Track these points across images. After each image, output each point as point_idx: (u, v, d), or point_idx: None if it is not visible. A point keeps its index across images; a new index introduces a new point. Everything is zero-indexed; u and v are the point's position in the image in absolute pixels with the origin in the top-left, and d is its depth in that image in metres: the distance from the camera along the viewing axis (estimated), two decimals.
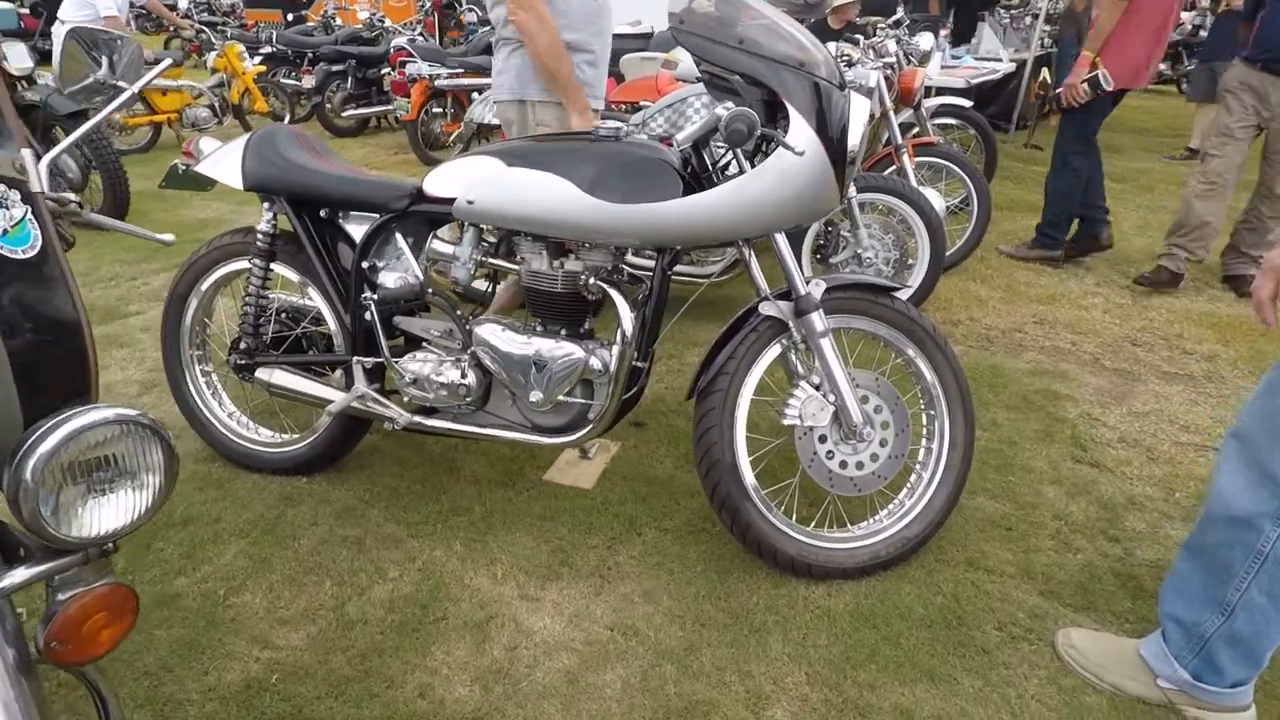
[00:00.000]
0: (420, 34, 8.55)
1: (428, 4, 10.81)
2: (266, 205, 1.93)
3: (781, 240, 1.68)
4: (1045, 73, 7.30)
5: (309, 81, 7.41)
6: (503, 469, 2.21)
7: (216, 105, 6.97)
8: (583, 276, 1.74)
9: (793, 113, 1.49)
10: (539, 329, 1.83)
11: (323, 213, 1.92)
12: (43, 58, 4.48)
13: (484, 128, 3.35)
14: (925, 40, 4.36)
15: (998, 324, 3.34)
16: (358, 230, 1.93)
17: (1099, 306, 3.55)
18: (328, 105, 7.41)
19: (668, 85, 4.05)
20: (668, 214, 1.57)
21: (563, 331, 1.81)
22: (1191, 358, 3.05)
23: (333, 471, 2.19)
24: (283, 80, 7.82)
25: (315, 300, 2.03)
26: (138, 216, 4.60)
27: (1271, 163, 3.49)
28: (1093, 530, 2.01)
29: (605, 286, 1.73)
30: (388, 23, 8.56)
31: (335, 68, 7.34)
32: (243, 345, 2.03)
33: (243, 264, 2.04)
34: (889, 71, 3.78)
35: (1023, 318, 3.42)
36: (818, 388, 1.73)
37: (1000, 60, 6.77)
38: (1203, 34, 5.59)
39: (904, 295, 3.10)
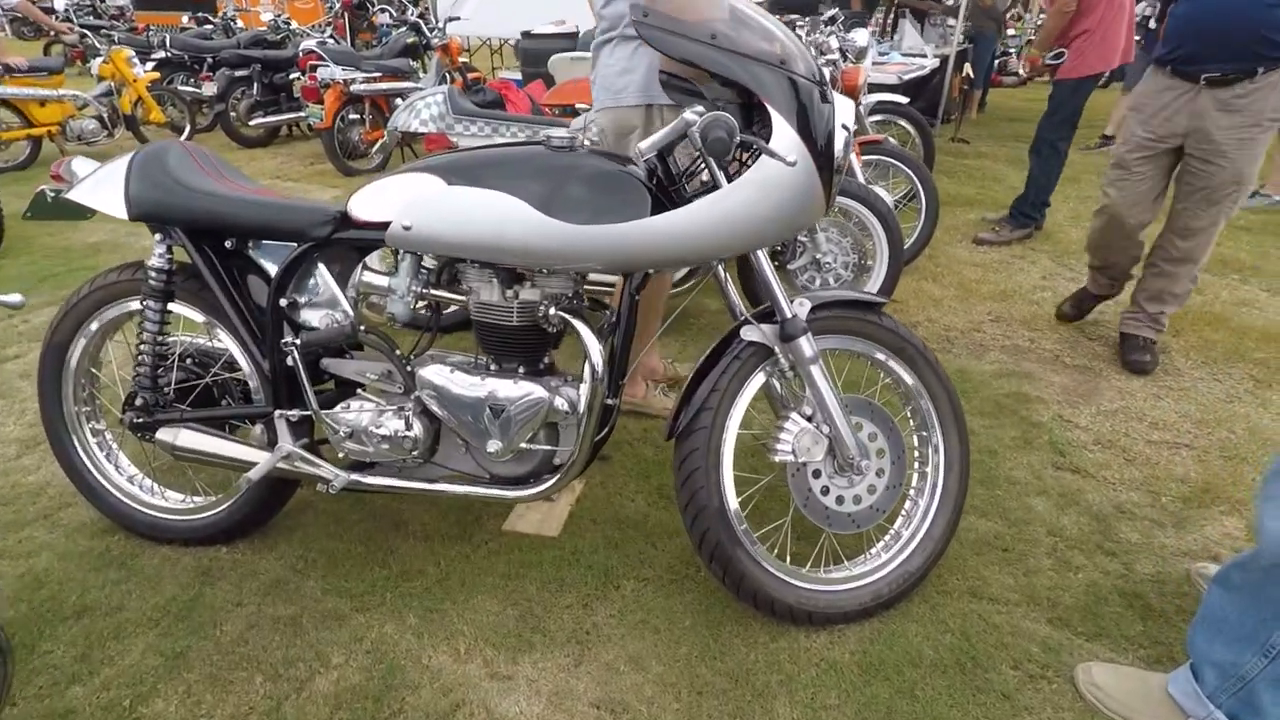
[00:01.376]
0: (330, 36, 8.07)
1: (337, 5, 10.28)
2: (158, 237, 1.64)
3: (763, 258, 1.51)
4: (968, 67, 7.46)
5: (210, 88, 6.87)
6: (456, 521, 1.97)
7: (105, 116, 6.39)
8: (541, 306, 1.52)
9: (775, 117, 1.32)
10: (493, 367, 1.61)
11: (228, 243, 1.64)
12: None
13: (409, 136, 3.07)
14: (861, 36, 4.29)
15: (956, 324, 3.29)
16: (271, 262, 1.66)
17: (1049, 302, 3.54)
18: (232, 114, 6.90)
19: None
20: (637, 235, 1.37)
21: (520, 369, 1.60)
22: None
23: (258, 537, 1.91)
24: (181, 87, 7.24)
25: (226, 342, 1.74)
26: (16, 243, 4.10)
27: (1184, 193, 2.64)
28: (1088, 545, 1.92)
29: (567, 316, 1.52)
30: (294, 25, 8.06)
31: (239, 73, 6.83)
32: (139, 401, 1.72)
33: (134, 304, 1.74)
34: (831, 69, 3.69)
35: (979, 316, 3.38)
36: (809, 419, 1.57)
37: (925, 56, 6.86)
38: (1152, 24, 5.74)
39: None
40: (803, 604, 1.59)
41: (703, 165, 1.52)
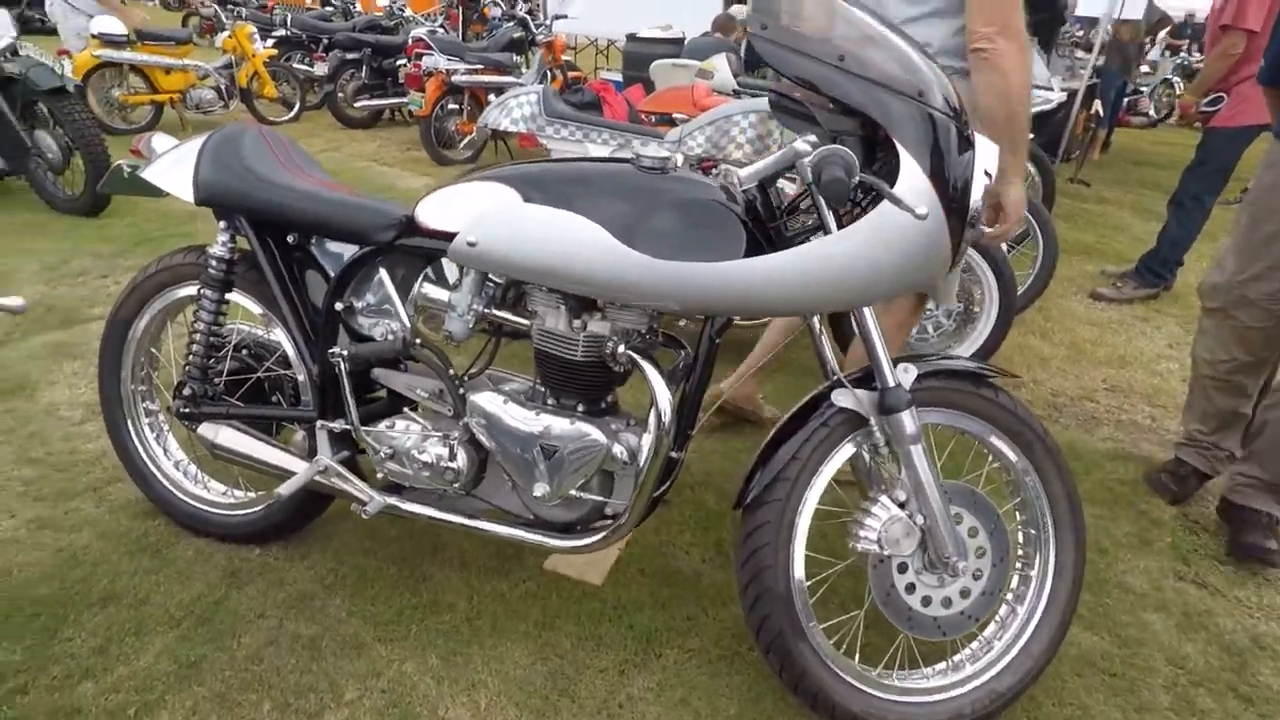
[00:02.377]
0: (442, 26, 8.21)
1: None
2: (222, 224, 1.56)
3: (869, 316, 1.31)
4: (1097, 104, 6.93)
5: (321, 68, 7.09)
6: (495, 553, 1.84)
7: (223, 87, 6.66)
8: (609, 343, 1.37)
9: (905, 157, 1.12)
10: (550, 401, 1.46)
11: (290, 238, 1.55)
12: (26, 27, 4.14)
13: (501, 133, 2.99)
14: None
15: (1065, 388, 2.96)
16: (333, 261, 1.57)
17: (1176, 375, 3.16)
18: (340, 95, 7.08)
19: (704, 97, 3.69)
20: (728, 277, 1.19)
21: (579, 407, 1.44)
22: None
23: (292, 541, 1.83)
24: (295, 66, 7.48)
25: (280, 339, 1.66)
26: (122, 204, 4.25)
27: None
28: (1217, 684, 1.62)
29: (636, 358, 1.35)
30: (408, 12, 8.26)
31: (350, 56, 7.02)
32: (187, 390, 1.66)
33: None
34: None
35: (1092, 382, 3.04)
36: (902, 505, 1.36)
37: (1050, 89, 6.39)
38: None
39: (967, 351, 2.82)
40: (869, 713, 1.38)
41: (808, 200, 1.33)
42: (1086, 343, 3.39)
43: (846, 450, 1.40)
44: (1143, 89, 10.86)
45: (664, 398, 1.33)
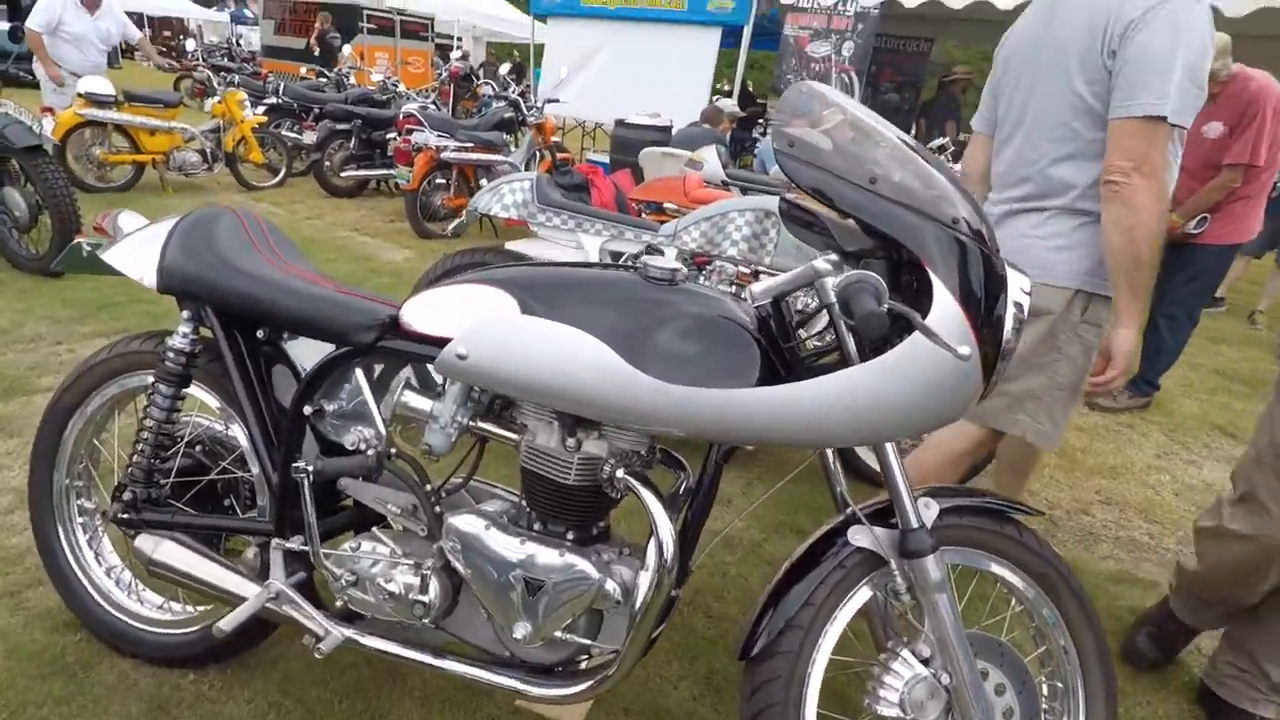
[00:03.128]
0: (433, 102, 8.35)
1: (444, 73, 10.74)
2: (186, 314, 1.43)
3: (892, 453, 1.20)
4: None
5: (311, 137, 7.10)
6: (464, 685, 1.64)
7: (208, 151, 6.60)
8: (606, 466, 1.24)
9: (939, 289, 1.04)
10: (536, 526, 1.32)
11: (260, 332, 1.42)
12: (14, 81, 4.06)
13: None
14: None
15: (1060, 500, 2.88)
16: (305, 359, 1.43)
17: (1168, 487, 3.11)
18: (326, 163, 7.07)
19: (695, 188, 3.70)
20: (742, 406, 1.09)
21: (569, 535, 1.30)
22: None
23: (233, 666, 1.62)
24: (284, 133, 7.49)
25: (240, 439, 1.51)
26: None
27: None
28: None
29: (635, 484, 1.23)
30: (401, 87, 8.37)
31: (340, 126, 7.04)
32: (126, 495, 1.48)
33: (151, 379, 1.53)
34: None
35: (1086, 494, 2.96)
36: (926, 661, 1.22)
37: None
38: None
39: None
40: None
41: (822, 314, 1.25)
42: (1077, 450, 3.34)
43: (863, 594, 1.27)
44: None
45: (666, 530, 1.20)
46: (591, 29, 8.52)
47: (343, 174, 7.01)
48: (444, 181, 5.92)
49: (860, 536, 1.24)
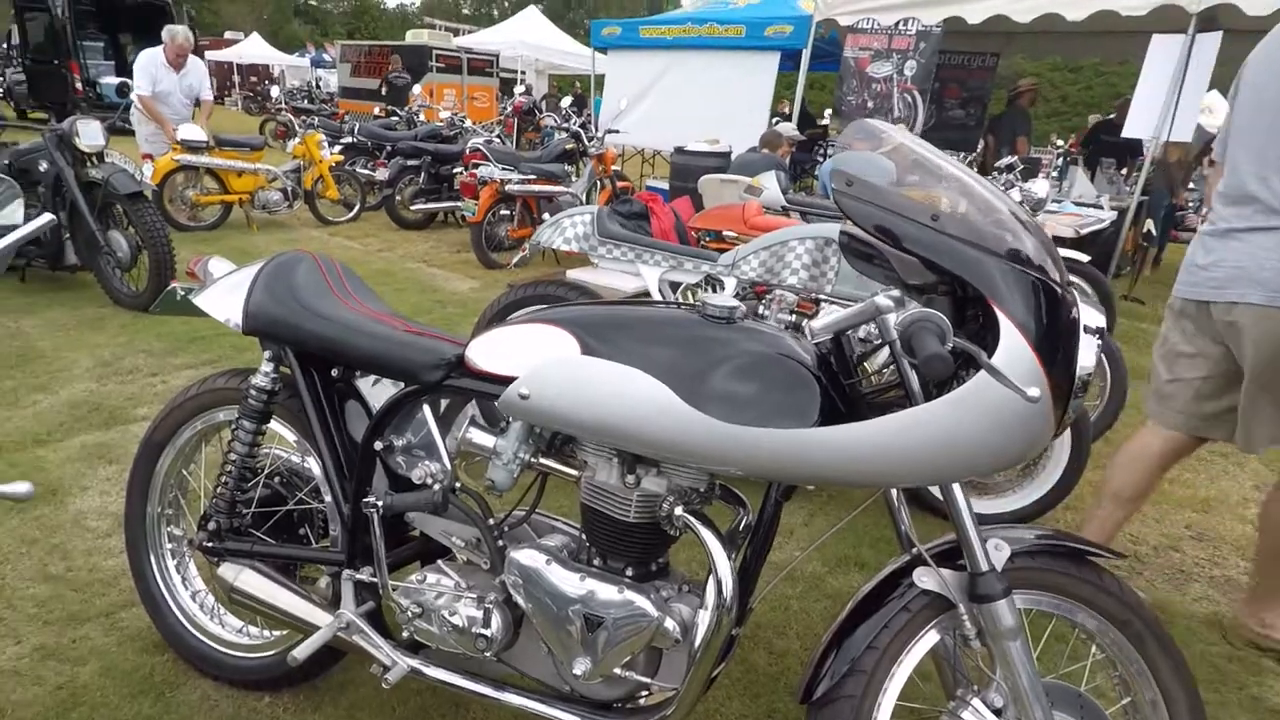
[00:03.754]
0: (499, 136, 8.62)
1: (509, 108, 11.09)
2: (268, 354, 1.52)
3: (959, 493, 1.17)
4: (1149, 223, 6.85)
5: (383, 173, 7.43)
6: (523, 717, 1.65)
7: (289, 189, 6.98)
8: (665, 503, 1.25)
9: (1007, 327, 1.01)
10: (596, 562, 1.33)
11: (335, 371, 1.50)
12: (114, 128, 4.41)
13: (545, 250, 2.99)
14: (1040, 187, 3.96)
15: (1147, 536, 2.72)
16: (377, 397, 1.50)
17: None
18: (398, 198, 7.38)
19: (754, 215, 3.70)
20: (803, 446, 1.08)
21: (628, 571, 1.31)
22: None
23: (305, 690, 1.68)
24: (359, 170, 7.87)
25: (315, 472, 1.58)
26: None
27: None
28: None
29: (693, 522, 1.23)
30: (468, 123, 8.68)
31: (410, 162, 7.35)
32: (211, 525, 1.57)
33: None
34: None
35: (1176, 528, 2.79)
36: (998, 712, 1.17)
37: (1100, 207, 6.35)
38: None
39: (1033, 498, 2.61)
40: None
41: (885, 352, 1.23)
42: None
43: (930, 638, 1.23)
44: (1190, 206, 10.82)
45: (725, 569, 1.20)
46: (651, 59, 8.66)
47: (412, 207, 7.30)
48: (508, 213, 6.09)
49: (926, 578, 1.21)
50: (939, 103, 9.00)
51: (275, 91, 12.44)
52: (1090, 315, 1.11)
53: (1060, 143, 14.26)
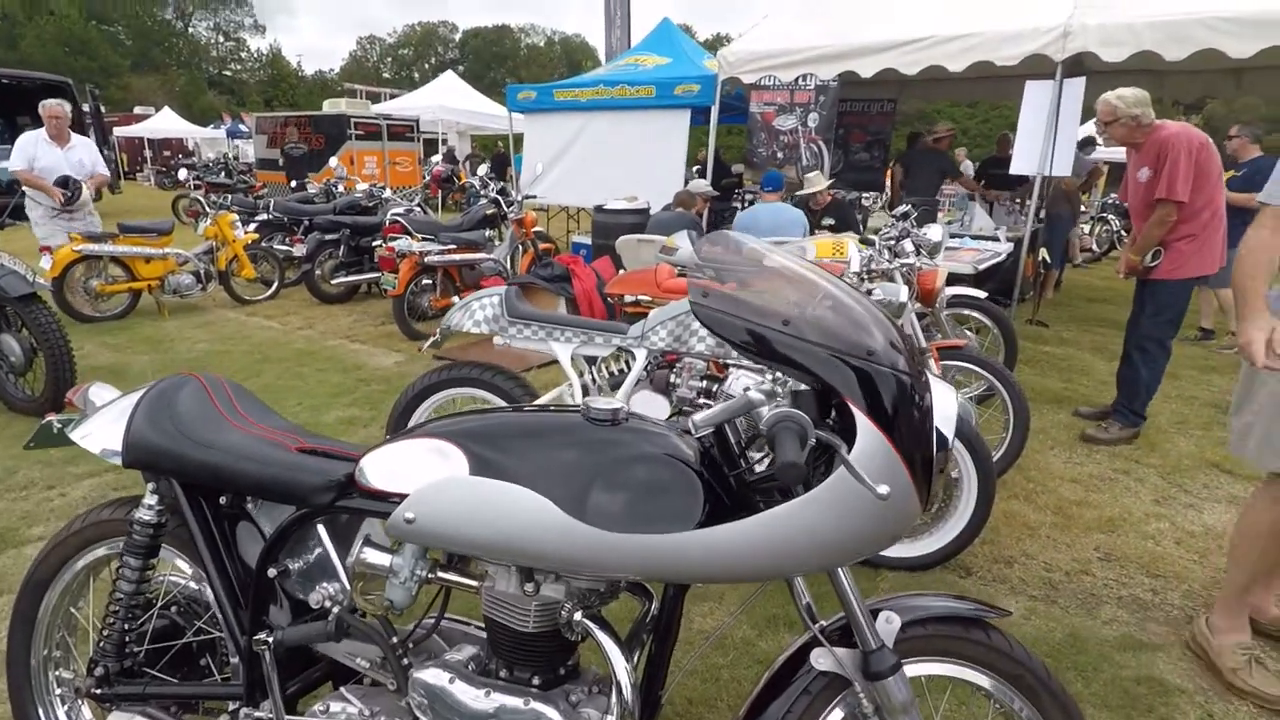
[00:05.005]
0: (419, 205, 8.62)
1: (428, 177, 11.13)
2: (151, 486, 1.47)
3: (843, 577, 1.21)
4: (1044, 252, 7.30)
5: (300, 249, 7.32)
6: None
7: (202, 271, 6.80)
8: (564, 609, 1.25)
9: (862, 423, 1.07)
10: (504, 674, 1.32)
11: (223, 499, 1.46)
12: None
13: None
14: (935, 232, 4.18)
15: (1058, 562, 2.84)
16: (270, 521, 1.46)
17: (1168, 535, 3.07)
18: (317, 272, 7.26)
19: (667, 278, 3.80)
20: (687, 549, 1.11)
21: (534, 680, 1.30)
22: None
23: None
24: (276, 247, 7.73)
25: (213, 600, 1.52)
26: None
27: None
28: None
29: (592, 627, 1.24)
30: (387, 192, 8.65)
31: (329, 236, 7.26)
32: (99, 670, 1.49)
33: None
34: (907, 271, 3.53)
35: (1085, 551, 2.92)
36: None
37: (998, 240, 6.74)
38: None
39: (949, 538, 2.70)
40: None
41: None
42: (1072, 504, 3.31)
43: (836, 715, 1.26)
44: (1083, 229, 11.58)
45: (624, 672, 1.20)
46: (567, 119, 8.86)
47: (333, 281, 7.19)
48: (430, 282, 6.07)
49: (823, 660, 1.24)
50: (845, 148, 9.48)
51: (184, 175, 12.14)
52: (943, 397, 1.19)
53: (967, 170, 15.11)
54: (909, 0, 7.03)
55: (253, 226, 7.74)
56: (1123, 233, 12.71)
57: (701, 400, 2.55)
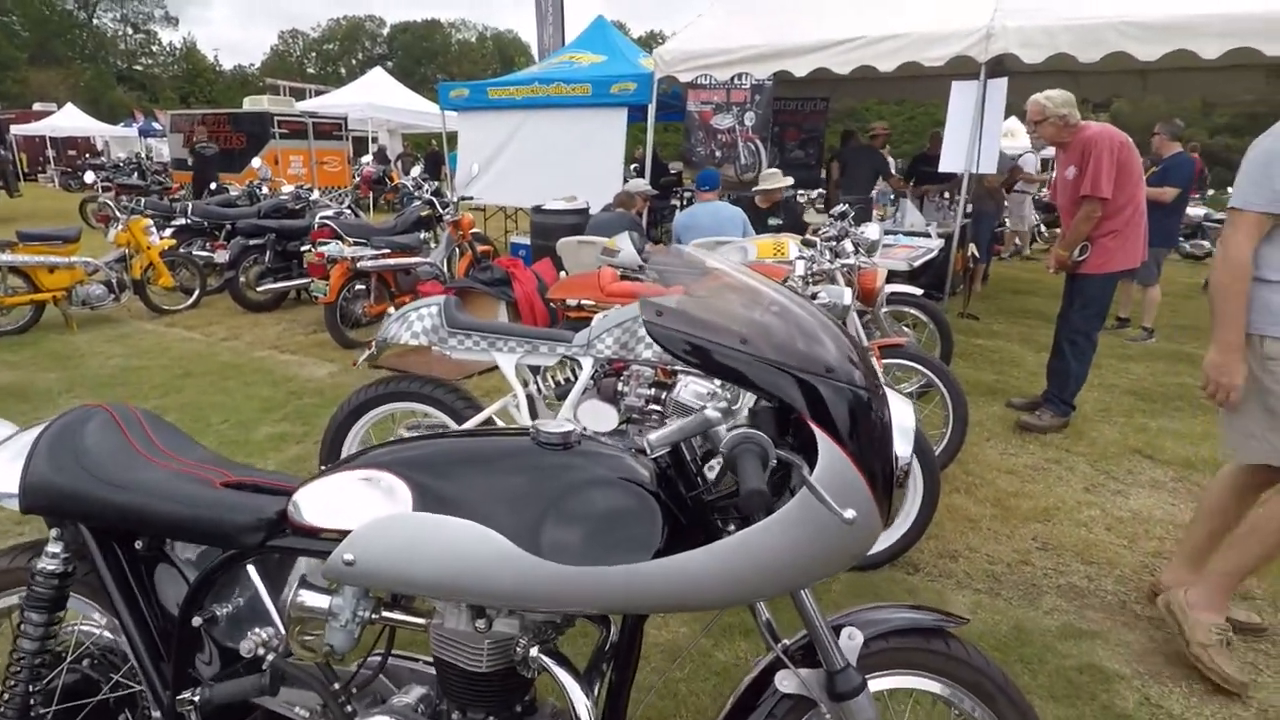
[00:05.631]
0: (349, 207, 8.32)
1: (358, 179, 10.76)
2: (55, 532, 1.34)
3: (806, 598, 1.19)
4: (973, 247, 7.55)
5: (223, 255, 6.95)
6: None
7: (114, 280, 6.39)
8: (519, 645, 1.19)
9: (823, 443, 1.04)
10: (455, 716, 1.25)
11: (139, 543, 1.34)
12: None
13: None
14: (873, 230, 4.26)
15: (1000, 554, 2.91)
16: (194, 564, 1.35)
17: (1099, 522, 3.19)
18: (242, 279, 6.92)
19: (610, 281, 3.75)
20: (647, 579, 1.06)
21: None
22: None
23: None
24: (195, 253, 7.33)
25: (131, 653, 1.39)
26: None
27: None
28: None
29: (549, 663, 1.18)
30: (315, 194, 8.32)
31: (253, 241, 6.93)
32: None
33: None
34: (848, 272, 3.58)
35: (1024, 542, 3.01)
36: None
37: (930, 236, 6.93)
38: None
39: (897, 535, 2.74)
40: None
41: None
42: (1009, 496, 3.41)
43: None
44: (1007, 223, 12.07)
45: (584, 709, 1.15)
46: (503, 118, 8.70)
47: (259, 289, 6.87)
48: (364, 287, 5.85)
49: (787, 682, 1.22)
50: (780, 145, 9.60)
51: (91, 178, 11.39)
52: (901, 411, 1.17)
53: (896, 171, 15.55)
54: (839, 1, 7.16)
55: (169, 232, 7.31)
56: (1042, 227, 13.33)
57: (650, 408, 2.51)
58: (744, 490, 0.96)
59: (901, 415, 1.15)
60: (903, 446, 1.14)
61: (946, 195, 8.46)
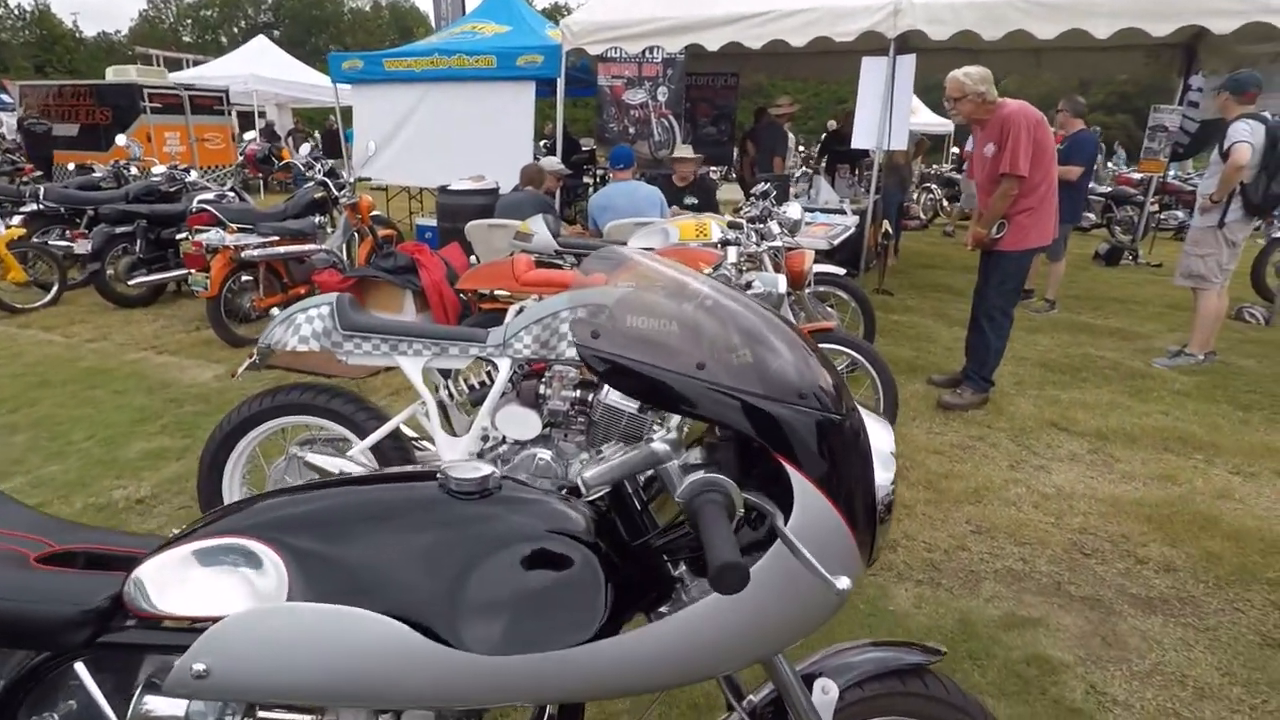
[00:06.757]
0: (234, 188, 7.60)
1: (241, 158, 9.91)
2: None
3: (781, 664, 1.01)
4: (886, 224, 7.65)
5: (84, 245, 6.19)
6: None
7: None
8: None
9: (799, 484, 0.86)
10: None
11: None
12: None
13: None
14: (794, 210, 4.16)
15: (937, 540, 2.88)
16: (7, 661, 1.05)
17: (1026, 500, 3.22)
18: (110, 271, 6.19)
19: (526, 270, 3.48)
20: (587, 664, 0.86)
21: None
22: (1148, 568, 2.72)
23: None
24: (51, 243, 6.50)
25: None
26: None
27: None
28: None
29: None
30: (192, 175, 7.54)
31: (121, 229, 6.19)
32: None
33: None
34: (775, 254, 3.45)
35: (959, 527, 2.99)
36: None
37: (846, 214, 6.96)
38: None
39: None
40: None
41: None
42: (941, 478, 3.39)
43: None
44: (913, 199, 12.43)
45: None
46: (402, 92, 8.13)
47: (130, 282, 6.15)
48: (251, 279, 5.31)
49: None
50: (693, 122, 9.43)
51: None
52: (879, 436, 1.01)
53: (803, 149, 15.71)
54: None
55: (17, 220, 6.46)
56: (945, 201, 13.80)
57: (575, 411, 2.30)
58: (714, 565, 0.76)
59: (880, 440, 0.98)
60: (883, 475, 0.96)
61: (855, 171, 8.55)
